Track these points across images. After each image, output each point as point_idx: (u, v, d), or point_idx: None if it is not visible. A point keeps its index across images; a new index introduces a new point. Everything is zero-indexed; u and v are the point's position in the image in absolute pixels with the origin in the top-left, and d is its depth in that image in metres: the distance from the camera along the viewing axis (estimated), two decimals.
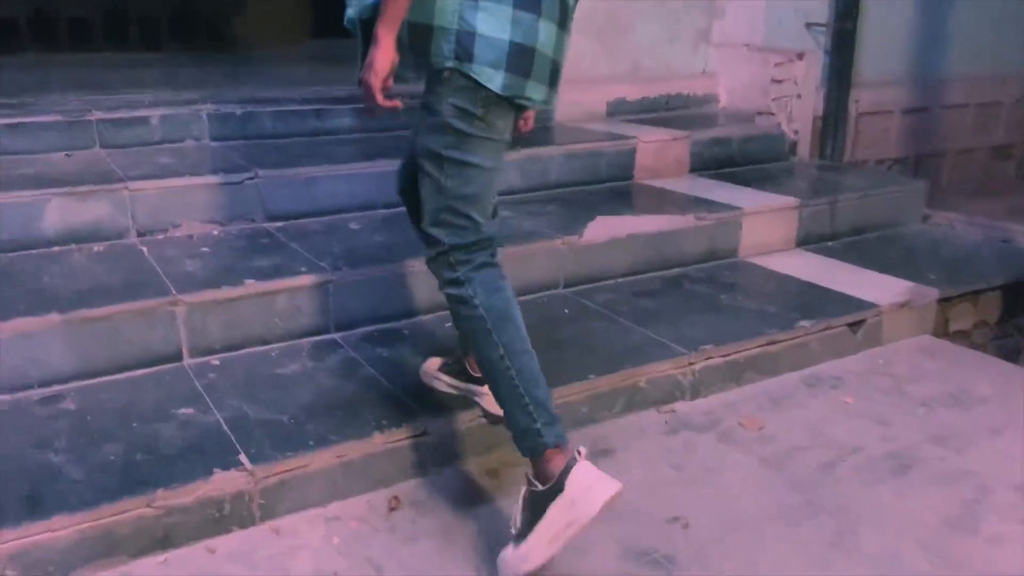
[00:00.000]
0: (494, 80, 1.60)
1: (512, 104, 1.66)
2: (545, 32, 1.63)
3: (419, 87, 1.71)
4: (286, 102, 3.52)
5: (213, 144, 3.32)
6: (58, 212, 2.59)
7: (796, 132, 4.43)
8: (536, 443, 1.63)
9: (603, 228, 2.99)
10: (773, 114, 4.43)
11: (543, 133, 3.93)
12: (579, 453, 1.61)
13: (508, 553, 1.63)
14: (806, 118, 4.51)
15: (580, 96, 4.22)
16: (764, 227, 3.34)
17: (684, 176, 3.84)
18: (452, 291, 1.74)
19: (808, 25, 4.80)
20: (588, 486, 1.56)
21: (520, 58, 1.61)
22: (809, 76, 4.47)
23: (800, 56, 4.42)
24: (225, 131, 3.35)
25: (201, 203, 2.81)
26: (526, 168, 3.44)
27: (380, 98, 1.61)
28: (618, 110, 4.35)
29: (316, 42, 7.08)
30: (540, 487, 1.60)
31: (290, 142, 3.41)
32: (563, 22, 1.68)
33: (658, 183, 3.68)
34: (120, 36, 8.43)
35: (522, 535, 1.60)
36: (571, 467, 1.57)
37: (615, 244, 2.98)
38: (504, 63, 1.60)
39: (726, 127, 4.12)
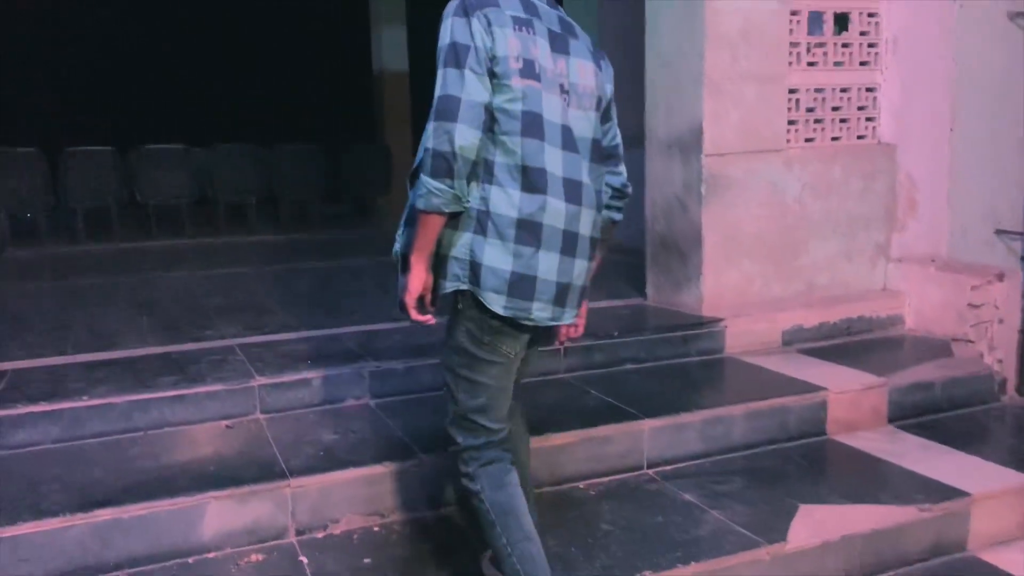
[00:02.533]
0: (496, 303, 1.87)
1: (520, 326, 1.93)
2: (546, 261, 1.88)
3: None
4: None
5: (373, 403, 3.16)
6: (217, 516, 2.42)
7: (1000, 362, 3.93)
8: None
9: (811, 527, 2.58)
10: (972, 342, 3.96)
11: (715, 372, 3.62)
12: None
13: None
14: (1010, 344, 4.00)
15: (752, 325, 3.91)
16: (995, 514, 2.84)
17: (883, 429, 3.40)
18: (465, 484, 2.03)
19: (998, 232, 4.37)
20: None
21: (521, 285, 1.87)
22: (1011, 298, 4.00)
23: (1000, 277, 3.98)
24: (386, 388, 3.20)
25: (363, 495, 2.59)
26: (707, 432, 3.10)
27: (414, 314, 1.91)
28: (795, 338, 3.98)
29: None
30: None
31: None
32: (568, 250, 1.92)
33: (856, 443, 3.25)
34: (272, 218, 8.84)
35: None
36: None
37: (827, 548, 2.56)
38: (506, 289, 1.86)
39: (924, 367, 3.67)
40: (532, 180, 1.85)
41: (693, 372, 3.62)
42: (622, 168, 2.12)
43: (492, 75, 1.80)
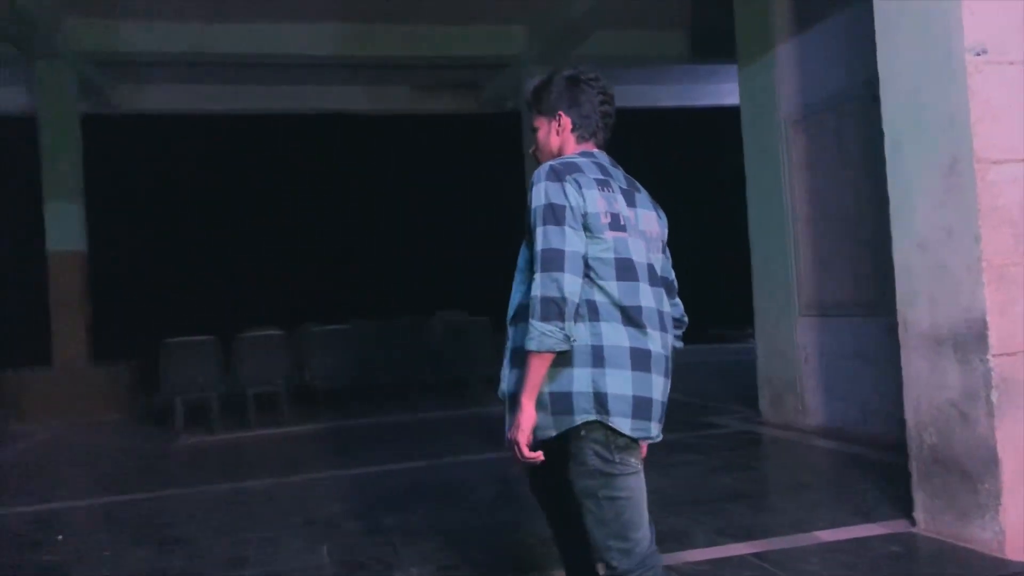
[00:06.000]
0: (625, 426, 2.04)
1: (636, 441, 2.09)
2: (656, 384, 2.09)
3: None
4: None
5: None
6: None
7: None
8: None
9: None
10: None
11: None
12: None
13: None
14: None
15: None
16: None
17: None
18: None
19: None
20: None
21: (642, 407, 2.07)
22: None
23: None
24: None
25: None
26: None
27: (527, 451, 2.05)
28: None
29: None
30: None
31: None
32: (667, 373, 2.14)
33: None
34: (433, 391, 8.51)
35: None
36: None
37: None
38: (631, 412, 2.05)
39: None
40: (632, 315, 2.07)
41: None
42: (679, 300, 2.32)
43: (585, 229, 2.05)
